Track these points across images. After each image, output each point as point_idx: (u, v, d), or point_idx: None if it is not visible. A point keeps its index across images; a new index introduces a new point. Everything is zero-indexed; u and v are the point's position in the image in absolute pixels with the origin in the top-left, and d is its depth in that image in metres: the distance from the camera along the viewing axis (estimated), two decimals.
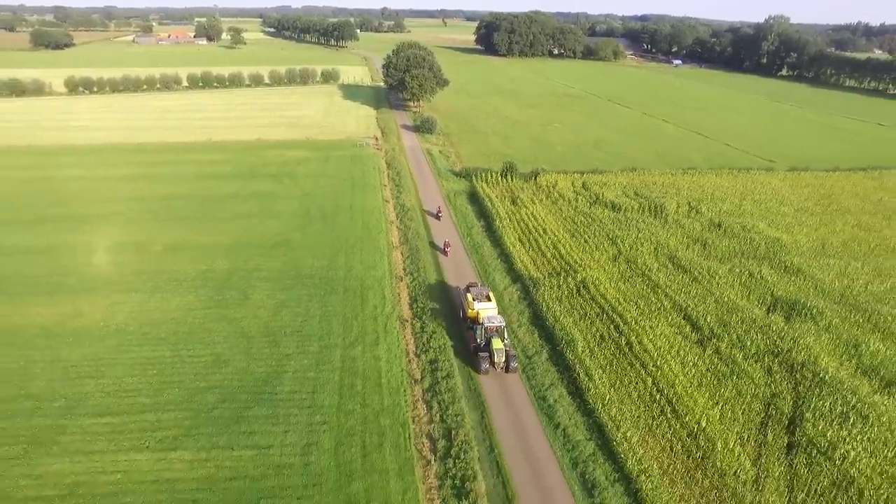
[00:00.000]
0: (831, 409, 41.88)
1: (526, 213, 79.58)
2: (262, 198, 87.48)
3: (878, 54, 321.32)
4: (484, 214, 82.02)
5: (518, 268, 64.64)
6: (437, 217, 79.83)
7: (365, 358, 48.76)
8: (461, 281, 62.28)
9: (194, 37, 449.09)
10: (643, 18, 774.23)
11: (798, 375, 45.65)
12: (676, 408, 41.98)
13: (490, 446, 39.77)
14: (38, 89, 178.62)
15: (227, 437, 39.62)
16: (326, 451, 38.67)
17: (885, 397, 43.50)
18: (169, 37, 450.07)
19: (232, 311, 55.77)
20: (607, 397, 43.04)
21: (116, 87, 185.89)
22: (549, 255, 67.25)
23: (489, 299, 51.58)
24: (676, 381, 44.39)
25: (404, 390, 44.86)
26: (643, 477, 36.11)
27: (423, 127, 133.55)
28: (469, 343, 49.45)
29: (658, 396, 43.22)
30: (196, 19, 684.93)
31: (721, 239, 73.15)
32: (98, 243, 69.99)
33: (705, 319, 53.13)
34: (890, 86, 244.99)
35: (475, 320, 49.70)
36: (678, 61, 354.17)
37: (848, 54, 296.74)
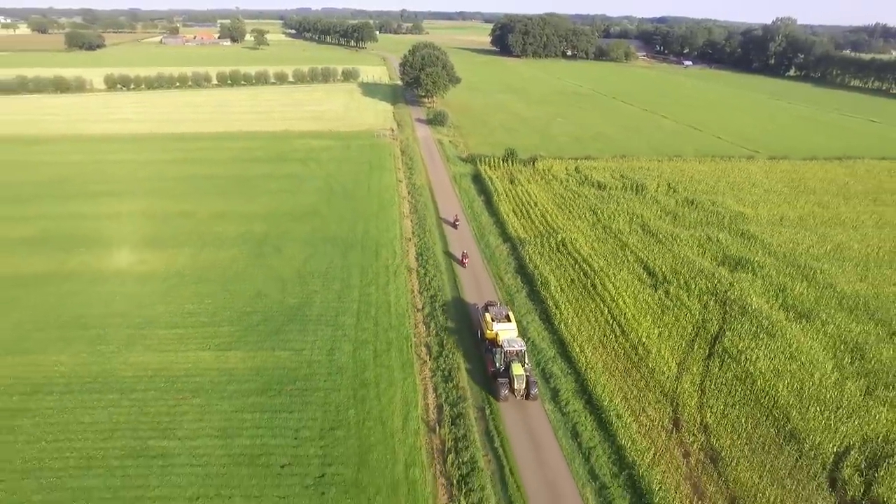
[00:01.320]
0: (748, 330, 52.64)
1: (521, 191, 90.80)
2: (292, 178, 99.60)
3: (884, 55, 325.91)
4: (485, 192, 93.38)
5: (509, 231, 75.93)
6: (455, 225, 78.43)
7: (378, 294, 60.42)
8: (460, 242, 73.69)
9: (219, 38, 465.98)
10: (661, 20, 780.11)
11: (728, 308, 56.48)
12: (624, 329, 53.02)
13: (473, 352, 51.12)
14: (79, 86, 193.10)
15: (269, 342, 51.39)
16: (346, 352, 50.27)
17: (795, 324, 54.14)
18: (194, 38, 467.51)
19: (269, 260, 67.73)
20: (570, 321, 54.20)
21: (151, 84, 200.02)
22: (537, 222, 78.47)
23: (509, 319, 48.73)
24: (627, 311, 55.43)
25: (408, 315, 56.40)
26: (589, 372, 47.20)
27: (435, 120, 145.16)
28: (487, 367, 46.34)
29: (611, 321, 54.28)
30: (219, 21, 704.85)
31: (691, 212, 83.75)
32: (152, 211, 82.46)
33: (661, 269, 64.00)
34: (893, 85, 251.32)
35: (494, 342, 46.83)
36: (688, 62, 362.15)
37: (853, 55, 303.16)
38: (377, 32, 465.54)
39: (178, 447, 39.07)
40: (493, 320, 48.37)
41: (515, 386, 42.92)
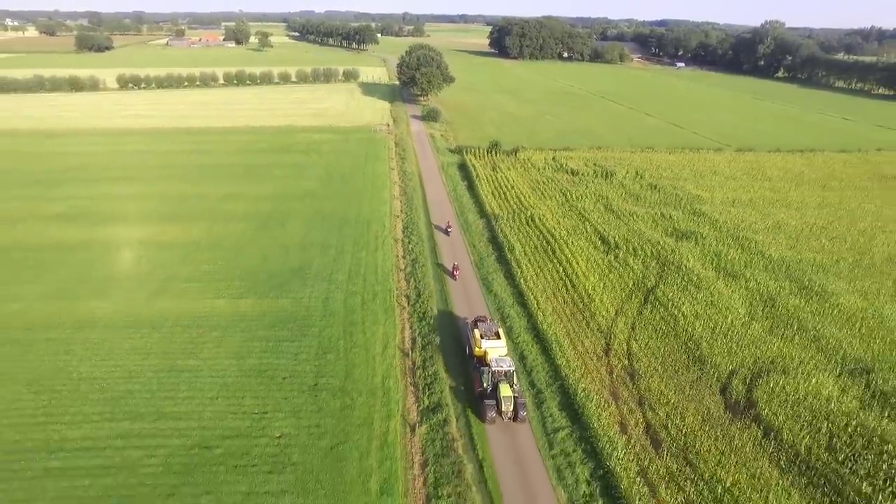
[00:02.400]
0: (679, 284, 62.29)
1: (501, 176, 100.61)
2: (294, 166, 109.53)
3: (867, 58, 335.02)
4: (468, 177, 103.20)
5: (486, 209, 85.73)
6: (447, 232, 77.59)
7: (367, 258, 70.22)
8: (442, 218, 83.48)
9: (223, 40, 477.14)
10: (662, 23, 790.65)
11: (665, 268, 66.15)
12: (574, 283, 62.70)
13: (445, 300, 60.89)
14: (93, 85, 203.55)
15: (273, 293, 61.12)
16: (338, 300, 60.02)
17: (721, 281, 63.75)
18: (200, 40, 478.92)
19: (273, 232, 77.57)
20: (529, 277, 63.90)
21: (161, 83, 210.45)
22: (512, 202, 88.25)
23: (499, 336, 47.55)
24: (579, 270, 65.13)
25: (393, 274, 66.18)
26: (540, 314, 56.86)
27: (428, 116, 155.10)
28: (474, 387, 44.72)
29: (564, 278, 63.97)
30: (223, 24, 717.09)
31: (652, 194, 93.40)
32: (168, 193, 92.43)
33: (614, 238, 73.68)
34: (874, 86, 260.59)
35: (482, 360, 45.84)
36: (681, 64, 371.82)
37: (837, 57, 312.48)
38: (379, 35, 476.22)
39: (200, 365, 48.80)
40: (482, 337, 46.86)
41: (503, 408, 41.17)
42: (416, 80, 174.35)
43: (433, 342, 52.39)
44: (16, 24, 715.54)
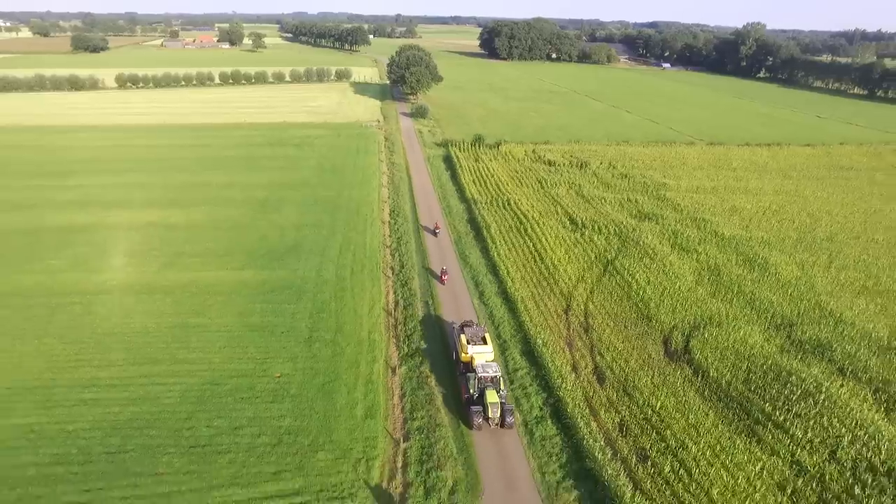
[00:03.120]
0: (636, 257, 69.57)
1: (483, 167, 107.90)
2: (289, 158, 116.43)
3: (843, 59, 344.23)
4: (452, 167, 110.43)
5: (467, 195, 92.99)
6: (435, 233, 78.43)
7: (356, 236, 77.25)
8: (427, 206, 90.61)
9: (217, 41, 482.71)
10: (653, 25, 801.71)
11: (625, 244, 73.51)
12: (542, 256, 69.94)
13: (427, 278, 68.02)
14: (93, 84, 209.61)
15: (271, 265, 67.96)
16: (330, 271, 66.97)
17: (675, 254, 71.09)
18: (194, 41, 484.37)
19: (270, 216, 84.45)
20: (502, 251, 71.12)
21: (159, 83, 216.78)
22: (491, 189, 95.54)
23: (485, 342, 47.04)
24: (548, 246, 72.37)
25: (379, 250, 73.21)
26: (509, 280, 64.03)
27: (417, 113, 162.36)
28: (461, 393, 44.67)
29: (533, 251, 71.19)
30: (217, 25, 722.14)
31: (622, 182, 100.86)
32: (171, 182, 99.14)
33: (582, 219, 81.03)
34: (850, 86, 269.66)
35: (469, 366, 45.54)
36: (667, 65, 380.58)
37: (815, 58, 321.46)
38: (371, 36, 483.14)
39: (208, 322, 55.73)
40: (468, 342, 46.58)
41: (489, 414, 40.99)
42: (405, 79, 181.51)
43: (413, 303, 59.47)
44: (8, 24, 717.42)
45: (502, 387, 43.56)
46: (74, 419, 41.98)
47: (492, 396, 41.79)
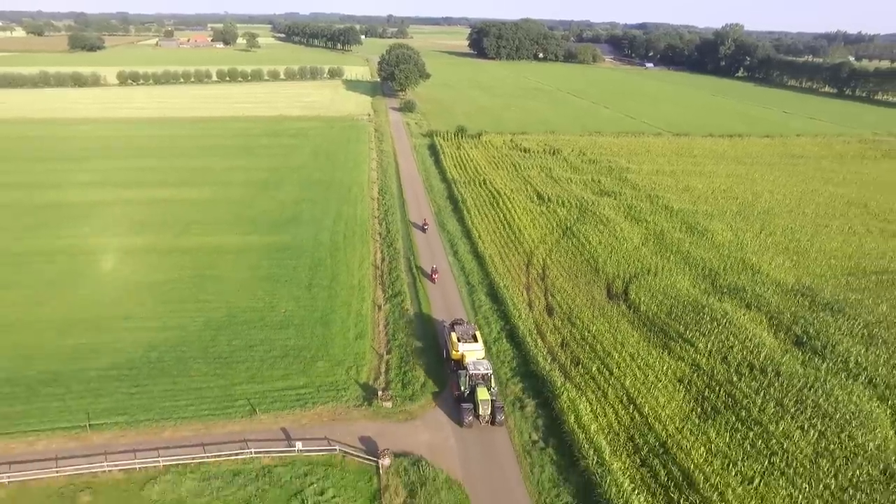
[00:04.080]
0: (591, 224, 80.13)
1: (464, 153, 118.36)
2: (286, 146, 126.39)
3: (817, 59, 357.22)
4: (436, 154, 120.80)
5: (448, 176, 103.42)
6: (423, 230, 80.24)
7: (348, 210, 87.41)
8: (413, 184, 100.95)
9: (212, 41, 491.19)
10: (642, 26, 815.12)
11: (584, 214, 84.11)
12: (510, 223, 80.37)
13: (409, 238, 78.38)
14: (95, 81, 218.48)
15: (274, 232, 77.97)
16: (325, 237, 77.02)
17: (626, 223, 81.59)
18: (188, 41, 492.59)
19: (271, 193, 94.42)
20: (476, 220, 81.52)
21: (159, 79, 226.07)
22: (470, 171, 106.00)
23: (476, 339, 47.66)
24: (516, 216, 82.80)
25: (369, 220, 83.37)
26: (480, 242, 74.28)
27: (405, 108, 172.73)
28: (452, 390, 44.86)
29: (503, 220, 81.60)
30: (210, 25, 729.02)
31: (589, 166, 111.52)
32: (179, 166, 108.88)
33: (548, 195, 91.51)
34: (821, 85, 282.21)
35: (459, 363, 45.77)
36: (650, 64, 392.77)
37: (789, 58, 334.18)
38: (363, 37, 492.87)
39: (223, 273, 65.73)
40: (459, 340, 47.06)
41: (480, 412, 40.95)
42: (394, 76, 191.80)
43: (397, 259, 69.90)
44: (1, 24, 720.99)
45: (493, 384, 43.44)
46: (119, 340, 51.92)
47: (483, 394, 41.53)
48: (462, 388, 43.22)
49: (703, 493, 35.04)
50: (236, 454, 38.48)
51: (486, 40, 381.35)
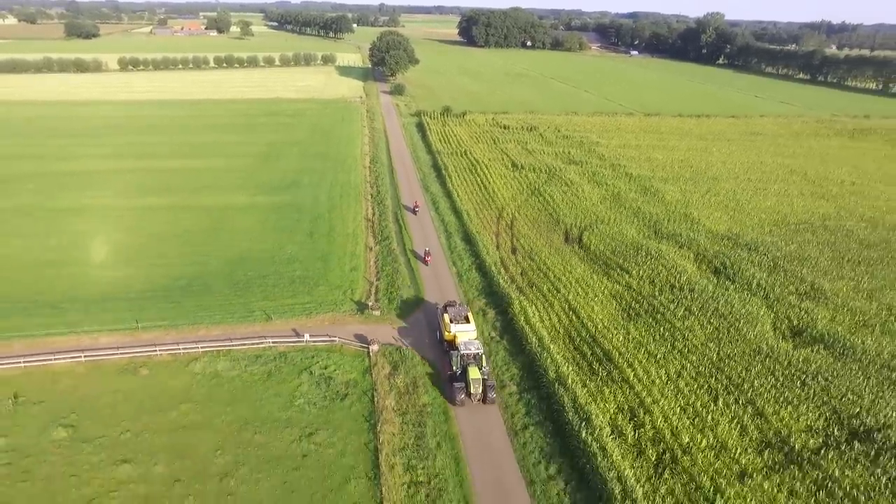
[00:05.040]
0: (558, 185, 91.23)
1: (449, 130, 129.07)
2: (284, 125, 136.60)
3: (789, 46, 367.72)
4: (423, 131, 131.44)
5: (433, 148, 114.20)
6: (415, 212, 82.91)
7: (343, 176, 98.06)
8: (401, 155, 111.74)
9: (206, 29, 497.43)
10: (632, 15, 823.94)
11: (552, 178, 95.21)
12: (486, 186, 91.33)
13: (397, 196, 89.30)
14: (97, 67, 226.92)
15: (277, 194, 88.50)
16: (323, 197, 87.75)
17: (588, 185, 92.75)
18: (182, 29, 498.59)
19: (272, 164, 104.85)
20: (456, 183, 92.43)
21: (158, 65, 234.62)
22: (453, 144, 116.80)
23: (468, 321, 48.66)
24: (491, 180, 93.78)
25: (361, 185, 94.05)
26: (459, 201, 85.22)
27: (395, 91, 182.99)
28: (444, 370, 46.25)
29: (480, 184, 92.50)
30: (202, 13, 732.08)
31: (562, 141, 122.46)
32: (187, 141, 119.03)
33: (522, 164, 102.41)
34: (796, 71, 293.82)
35: (452, 344, 46.82)
36: (635, 52, 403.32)
37: (767, 45, 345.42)
38: (355, 25, 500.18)
39: (234, 226, 76.21)
40: (451, 321, 48.13)
41: (472, 390, 42.08)
42: (385, 61, 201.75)
43: (386, 214, 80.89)
44: None
45: (485, 363, 44.71)
46: (151, 273, 62.54)
47: (474, 373, 42.68)
48: (454, 368, 44.36)
49: (618, 364, 46.26)
50: (257, 343, 49.41)
51: (476, 28, 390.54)
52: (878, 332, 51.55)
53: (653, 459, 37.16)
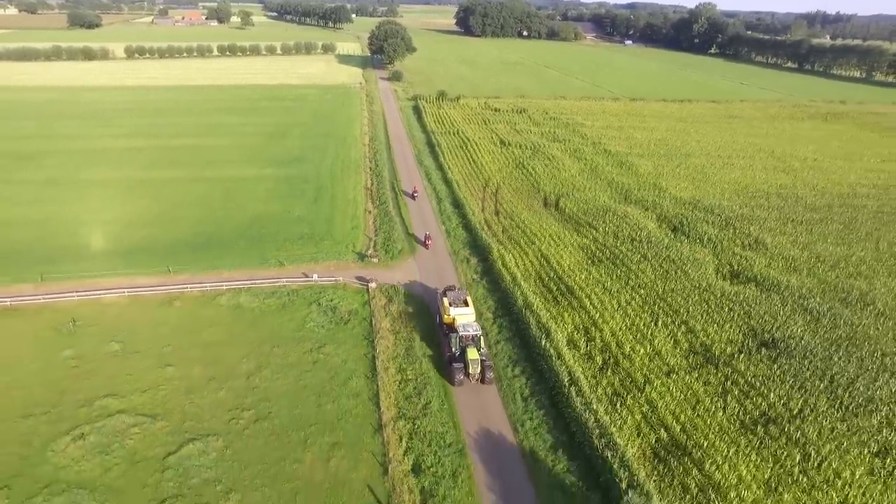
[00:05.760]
0: (541, 160, 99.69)
1: (443, 112, 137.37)
2: (288, 108, 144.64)
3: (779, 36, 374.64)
4: (418, 113, 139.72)
5: (428, 128, 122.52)
6: (413, 197, 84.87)
7: (344, 152, 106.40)
8: (398, 135, 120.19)
9: (206, 19, 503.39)
10: (631, 6, 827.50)
11: (536, 154, 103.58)
12: (475, 160, 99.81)
13: (394, 171, 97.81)
14: (104, 55, 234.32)
15: (283, 167, 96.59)
16: (326, 170, 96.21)
17: (570, 160, 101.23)
18: (183, 19, 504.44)
19: (278, 142, 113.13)
20: (448, 158, 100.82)
21: (163, 53, 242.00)
22: (446, 125, 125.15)
23: (466, 304, 49.94)
24: (480, 155, 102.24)
25: (361, 160, 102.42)
26: (450, 172, 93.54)
27: (393, 77, 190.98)
28: (443, 351, 47.19)
29: (469, 159, 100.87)
30: (201, 4, 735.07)
31: (549, 122, 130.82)
32: (198, 123, 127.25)
33: (510, 141, 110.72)
34: (784, 60, 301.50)
35: (451, 327, 47.68)
36: (629, 42, 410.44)
37: (757, 35, 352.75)
38: (354, 15, 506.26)
39: (247, 192, 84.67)
40: (450, 305, 49.27)
41: (470, 370, 43.36)
42: (383, 49, 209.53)
43: (383, 183, 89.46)
44: None
45: (482, 345, 45.99)
46: (174, 230, 71.06)
47: (472, 354, 43.93)
48: (453, 349, 45.59)
49: (578, 296, 54.94)
50: (273, 282, 58.10)
51: (472, 18, 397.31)
52: (804, 274, 60.27)
53: (599, 363, 45.86)
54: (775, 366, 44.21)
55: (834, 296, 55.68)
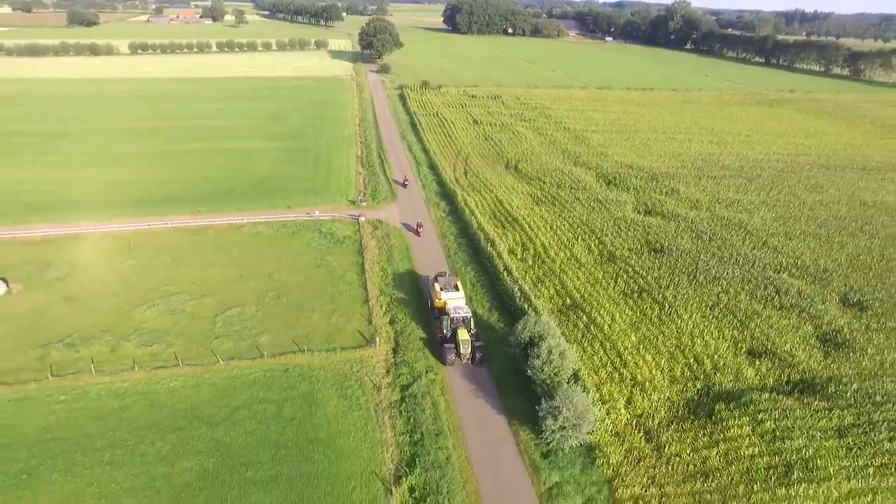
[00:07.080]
0: (507, 135, 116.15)
1: (426, 99, 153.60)
2: (286, 96, 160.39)
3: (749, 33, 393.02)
4: (403, 99, 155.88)
5: (411, 112, 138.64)
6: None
7: (338, 131, 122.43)
8: (385, 117, 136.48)
9: (200, 17, 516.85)
10: (618, 5, 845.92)
11: (503, 129, 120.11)
12: (451, 135, 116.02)
13: (381, 146, 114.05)
14: (109, 50, 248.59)
15: (285, 142, 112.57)
16: (323, 146, 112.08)
17: (532, 134, 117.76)
18: (178, 17, 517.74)
19: (279, 123, 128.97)
20: (429, 138, 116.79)
21: (165, 49, 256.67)
22: (428, 109, 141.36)
23: (457, 289, 51.39)
24: (456, 131, 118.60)
25: (353, 138, 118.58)
26: (431, 150, 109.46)
27: (382, 70, 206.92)
28: (435, 333, 48.90)
29: (448, 137, 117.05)
30: (192, 3, 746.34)
31: (520, 107, 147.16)
32: (206, 108, 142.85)
33: (482, 121, 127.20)
34: (752, 55, 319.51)
35: (442, 310, 49.42)
36: (609, 38, 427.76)
37: (727, 31, 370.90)
38: (344, 13, 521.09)
39: (255, 161, 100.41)
40: (441, 290, 50.89)
41: (461, 350, 44.70)
42: (373, 44, 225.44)
43: (372, 152, 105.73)
44: None
45: (473, 327, 47.77)
46: (196, 189, 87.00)
47: (463, 334, 45.71)
48: (444, 331, 47.39)
49: (520, 223, 71.21)
50: (284, 217, 74.25)
51: (459, 16, 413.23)
52: (703, 211, 76.98)
53: (529, 262, 62.34)
54: (657, 261, 60.78)
55: (719, 223, 72.40)
